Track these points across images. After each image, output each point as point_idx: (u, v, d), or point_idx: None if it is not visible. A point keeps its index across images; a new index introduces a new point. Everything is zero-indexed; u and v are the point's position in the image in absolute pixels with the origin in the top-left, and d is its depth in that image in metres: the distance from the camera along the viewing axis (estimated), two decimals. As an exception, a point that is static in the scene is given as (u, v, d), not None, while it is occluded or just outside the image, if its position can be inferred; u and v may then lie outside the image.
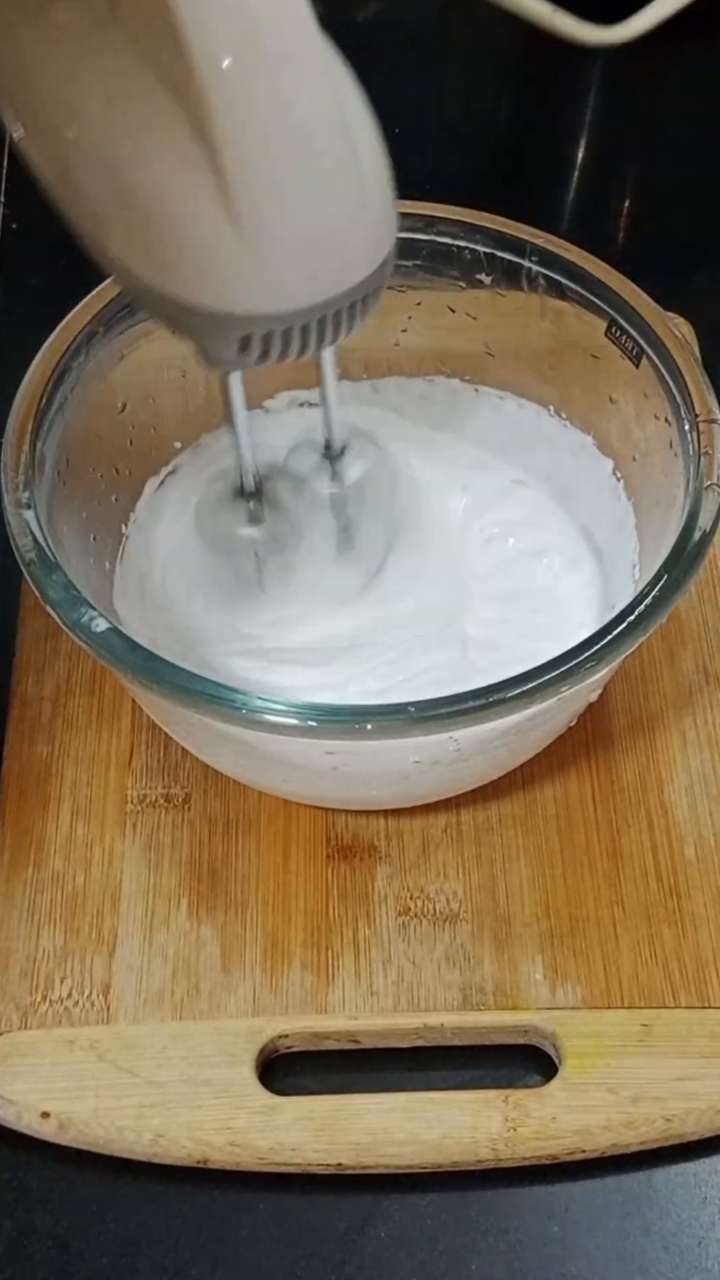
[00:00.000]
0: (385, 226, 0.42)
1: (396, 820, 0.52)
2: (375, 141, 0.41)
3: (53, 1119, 0.46)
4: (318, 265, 0.40)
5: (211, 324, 0.41)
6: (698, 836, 0.52)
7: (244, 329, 0.40)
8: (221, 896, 0.51)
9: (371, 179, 0.41)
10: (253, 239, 0.39)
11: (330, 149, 0.39)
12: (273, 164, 0.38)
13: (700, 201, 0.75)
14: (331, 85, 0.39)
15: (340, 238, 0.40)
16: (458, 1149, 0.46)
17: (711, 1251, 0.45)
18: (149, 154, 0.39)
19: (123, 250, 0.41)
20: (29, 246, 0.71)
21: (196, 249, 0.39)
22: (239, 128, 0.38)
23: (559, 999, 0.48)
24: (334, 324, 0.41)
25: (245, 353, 0.41)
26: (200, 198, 0.38)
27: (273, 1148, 0.46)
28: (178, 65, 0.37)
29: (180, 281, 0.40)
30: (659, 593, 0.45)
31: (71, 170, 0.41)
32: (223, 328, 0.40)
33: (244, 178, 0.38)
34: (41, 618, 0.55)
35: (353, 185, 0.40)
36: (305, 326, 0.41)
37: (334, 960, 0.49)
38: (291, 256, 0.40)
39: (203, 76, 0.37)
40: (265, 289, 0.40)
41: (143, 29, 0.38)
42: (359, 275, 0.41)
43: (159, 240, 0.40)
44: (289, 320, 0.40)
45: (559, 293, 0.53)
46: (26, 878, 0.51)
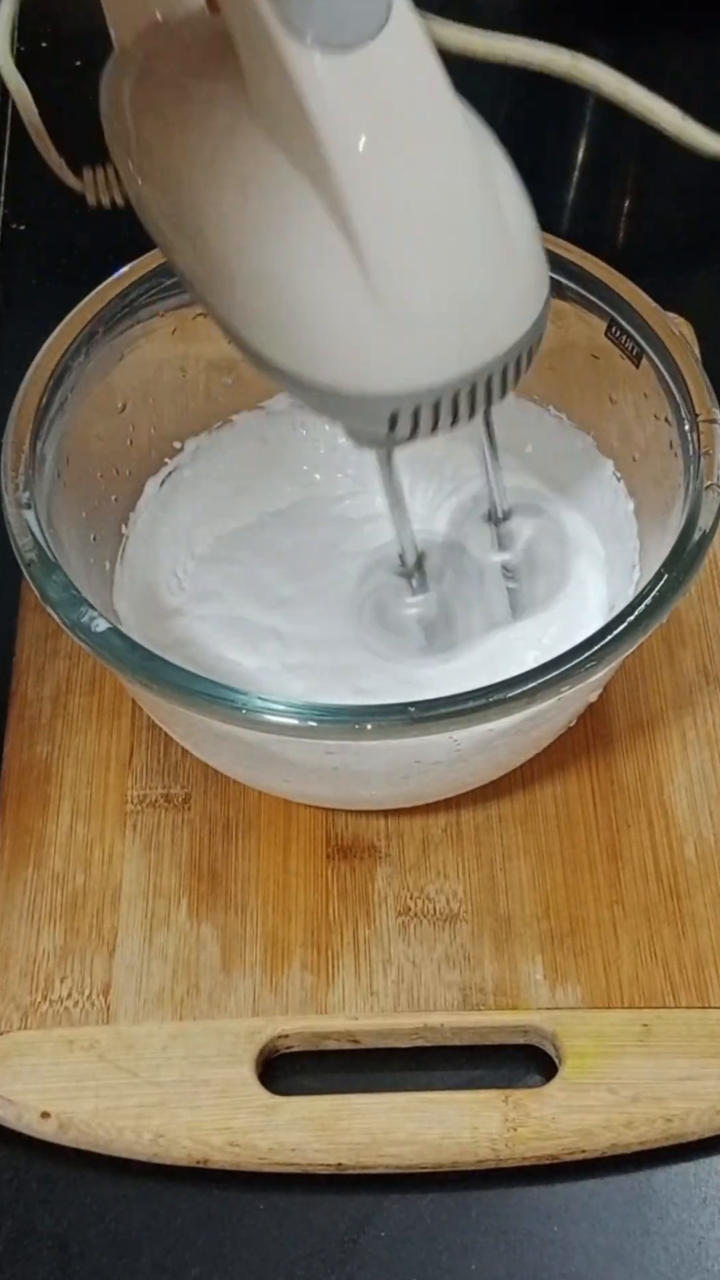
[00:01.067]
0: (535, 288, 0.41)
1: (396, 820, 0.52)
2: (521, 202, 0.40)
3: (53, 1119, 0.46)
4: (463, 336, 0.39)
5: (360, 405, 0.40)
6: (698, 836, 0.52)
7: (392, 407, 0.40)
8: (221, 896, 0.51)
9: (518, 241, 0.40)
10: (396, 317, 0.38)
11: (471, 220, 0.38)
12: (414, 240, 0.38)
13: (700, 201, 0.75)
14: (469, 154, 0.38)
15: (485, 307, 0.39)
16: (458, 1149, 0.46)
17: (711, 1251, 0.45)
18: (286, 242, 0.38)
19: (263, 339, 0.40)
20: (29, 246, 0.71)
21: (340, 332, 0.39)
22: (377, 206, 0.37)
23: (559, 999, 0.48)
24: (486, 390, 0.40)
25: (395, 430, 0.40)
26: (338, 280, 0.38)
27: (273, 1148, 0.46)
28: (312, 150, 0.37)
29: (325, 366, 0.39)
30: (659, 593, 0.45)
31: (218, 274, 0.40)
32: (370, 407, 0.40)
33: (383, 257, 0.37)
34: (41, 618, 0.55)
35: (497, 253, 0.39)
36: (455, 396, 0.40)
37: (334, 960, 0.49)
38: (435, 331, 0.39)
39: (338, 159, 0.36)
40: (409, 365, 0.39)
41: (273, 119, 0.38)
42: (508, 341, 0.40)
43: (298, 326, 0.39)
44: (437, 393, 0.40)
45: (559, 293, 0.53)
46: (26, 878, 0.51)
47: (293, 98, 0.36)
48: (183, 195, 0.41)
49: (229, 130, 0.39)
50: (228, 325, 0.41)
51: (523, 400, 0.57)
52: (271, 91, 0.37)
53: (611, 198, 0.76)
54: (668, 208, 0.75)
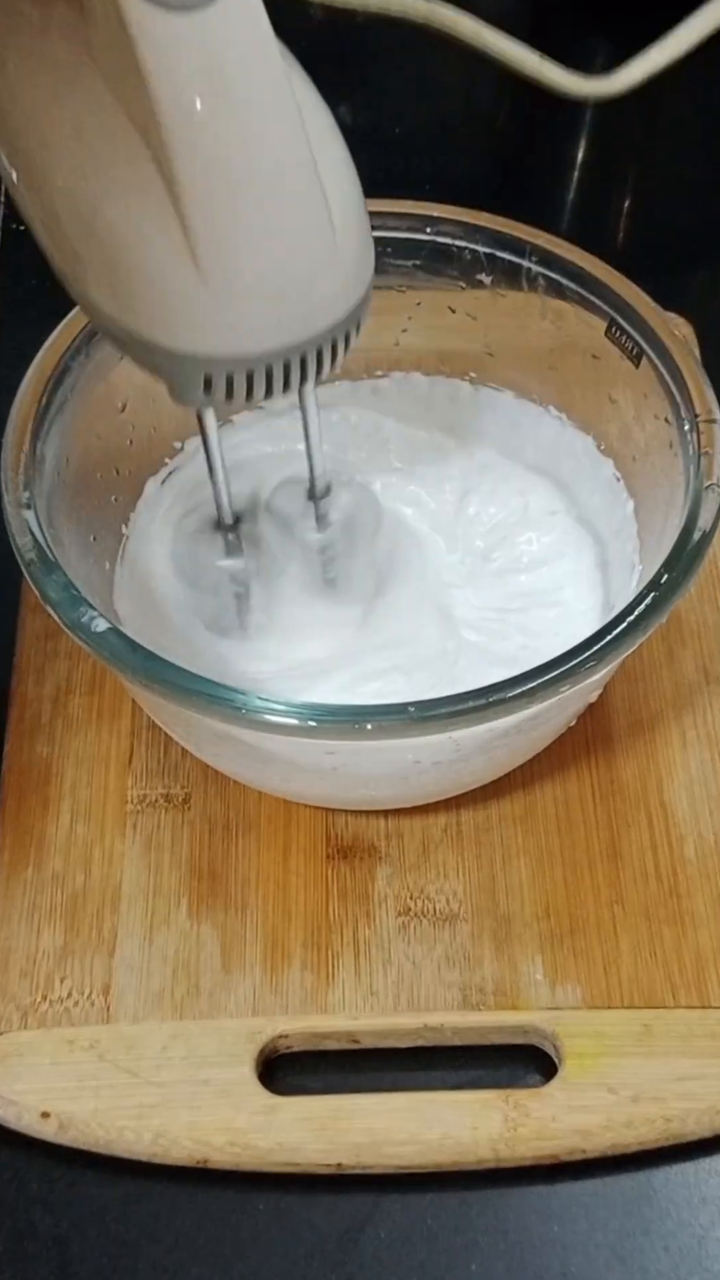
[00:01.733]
0: (357, 272, 0.41)
1: (396, 820, 0.52)
2: (349, 182, 0.41)
3: (53, 1119, 0.46)
4: (281, 310, 0.40)
5: (174, 363, 0.40)
6: (698, 836, 0.52)
7: (205, 369, 0.40)
8: (221, 896, 0.51)
9: (342, 225, 0.40)
10: (214, 281, 0.39)
11: (297, 195, 0.39)
12: (236, 208, 0.38)
13: (700, 201, 0.75)
14: (300, 128, 0.38)
15: (306, 283, 0.40)
16: (458, 1149, 0.46)
17: (711, 1251, 0.45)
18: (114, 190, 0.39)
19: (90, 285, 0.41)
20: (29, 247, 0.70)
21: (159, 287, 0.39)
22: (202, 170, 0.37)
23: (559, 999, 0.48)
24: (302, 367, 0.41)
25: (209, 393, 0.41)
26: (163, 237, 0.38)
27: (273, 1148, 0.46)
28: (144, 105, 0.37)
29: (143, 319, 0.40)
30: (659, 593, 0.45)
31: (45, 203, 0.41)
32: (185, 367, 0.40)
33: (206, 220, 0.38)
34: (41, 618, 0.55)
35: (320, 232, 0.39)
36: (270, 369, 0.40)
37: (334, 960, 0.49)
38: (253, 300, 0.39)
39: (167, 118, 0.37)
40: (226, 331, 0.40)
41: (114, 66, 0.38)
42: (326, 321, 0.41)
43: (123, 276, 0.40)
44: (252, 363, 0.40)
45: (559, 293, 0.53)
46: (26, 878, 0.51)
47: (131, 53, 0.36)
48: (19, 128, 0.41)
49: (67, 68, 0.40)
50: (56, 266, 0.42)
51: (523, 400, 0.57)
52: (111, 43, 0.37)
53: (612, 198, 0.76)
54: (668, 207, 0.75)
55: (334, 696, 0.51)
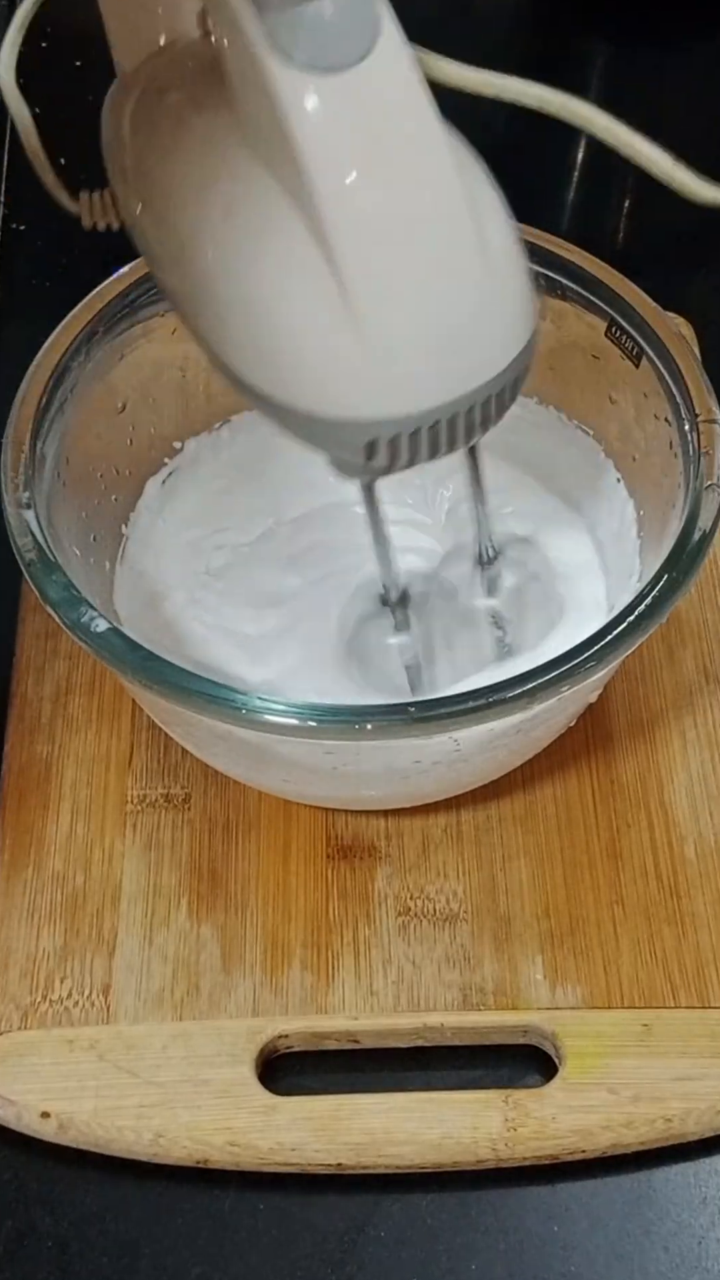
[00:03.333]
0: (520, 320, 0.40)
1: (396, 820, 0.52)
2: (507, 234, 0.40)
3: (53, 1119, 0.46)
4: (443, 365, 0.39)
5: (338, 432, 0.39)
6: (698, 836, 0.52)
7: (369, 435, 0.39)
8: (221, 896, 0.51)
9: (502, 274, 0.39)
10: (374, 343, 0.38)
11: (453, 250, 0.38)
12: (393, 267, 0.37)
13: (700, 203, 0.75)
14: (453, 183, 0.38)
15: (466, 338, 0.39)
16: (458, 1149, 0.46)
17: (711, 1252, 0.45)
18: (268, 264, 0.38)
19: (242, 362, 0.40)
20: (29, 247, 0.71)
21: (318, 356, 0.38)
22: (357, 232, 0.37)
23: (559, 999, 0.48)
24: (467, 423, 0.40)
25: (373, 459, 0.40)
26: (320, 304, 0.38)
27: (273, 1148, 0.46)
28: (294, 171, 0.36)
29: (303, 391, 0.39)
30: (659, 593, 0.45)
31: (200, 293, 0.40)
32: (349, 435, 0.39)
33: (363, 282, 0.37)
34: (41, 618, 0.55)
35: (479, 283, 0.39)
36: (435, 427, 0.39)
37: (334, 960, 0.49)
38: (415, 358, 0.38)
39: (319, 183, 0.36)
40: (387, 393, 0.39)
41: (260, 140, 0.38)
42: (490, 373, 0.39)
43: (280, 349, 0.39)
44: (416, 422, 0.39)
45: (559, 293, 0.53)
46: (26, 878, 0.51)
47: (277, 119, 0.36)
48: (173, 216, 0.41)
49: (215, 150, 0.39)
50: (210, 346, 0.41)
51: (523, 400, 0.56)
52: (258, 112, 0.37)
53: (611, 198, 0.76)
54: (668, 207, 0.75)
55: None
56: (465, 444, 0.41)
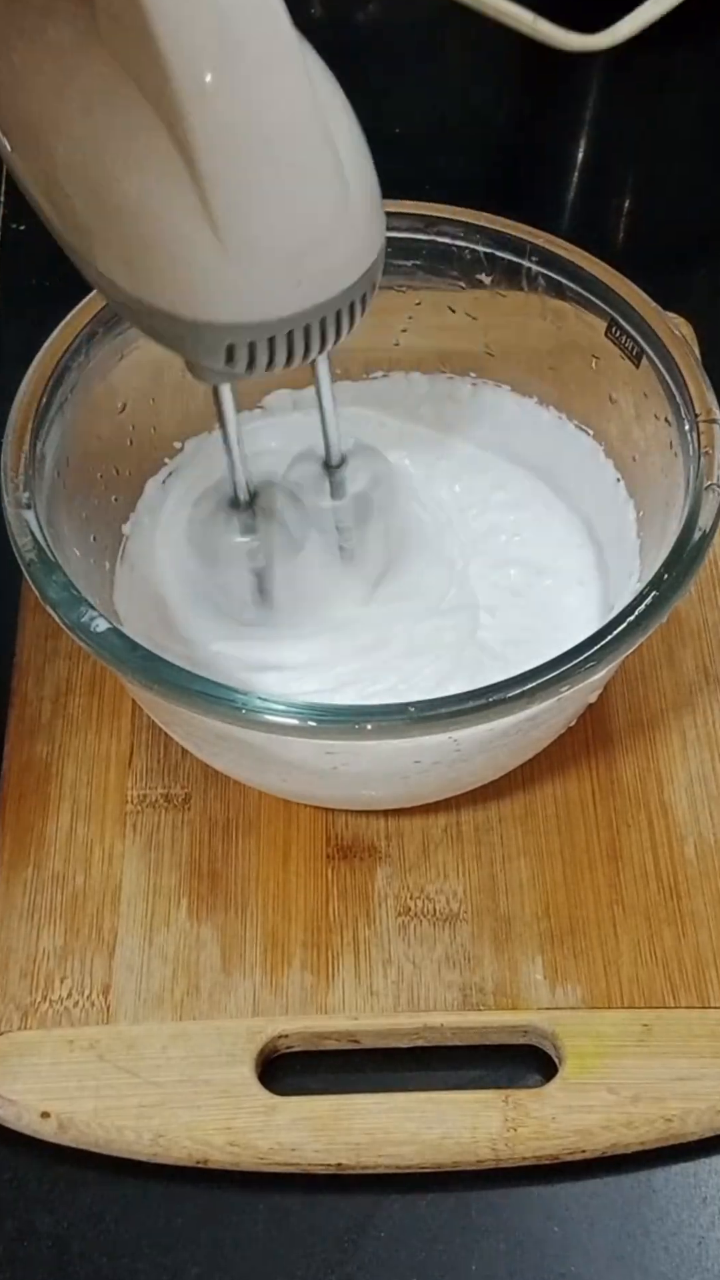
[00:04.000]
0: (372, 231, 0.41)
1: (396, 820, 0.52)
2: (359, 147, 0.41)
3: (53, 1119, 0.46)
4: (301, 273, 0.40)
5: (195, 334, 0.40)
6: (698, 836, 0.52)
7: (228, 338, 0.40)
8: (221, 896, 0.51)
9: (355, 184, 0.40)
10: (233, 248, 0.39)
11: (310, 158, 0.39)
12: (251, 174, 0.38)
13: (700, 201, 0.75)
14: (311, 92, 0.39)
15: (323, 245, 0.40)
16: (458, 1149, 0.46)
17: (711, 1251, 0.45)
18: (129, 164, 0.39)
19: (106, 262, 0.41)
20: (29, 246, 0.71)
21: (177, 258, 0.39)
22: (217, 136, 0.38)
23: (559, 999, 0.48)
24: (322, 331, 0.41)
25: (232, 363, 0.41)
26: (180, 207, 0.38)
27: (273, 1148, 0.46)
28: (155, 76, 0.37)
29: (162, 292, 0.40)
30: (659, 593, 0.45)
31: (56, 184, 0.41)
32: (207, 338, 0.40)
33: (223, 187, 0.38)
34: (41, 618, 0.55)
35: (335, 192, 0.40)
36: (291, 334, 0.40)
37: (334, 960, 0.49)
38: (273, 264, 0.39)
39: (180, 89, 0.37)
40: (247, 298, 0.40)
41: (122, 41, 0.38)
42: (345, 282, 0.41)
43: (141, 250, 0.40)
44: (274, 329, 0.40)
45: (559, 293, 0.53)
46: (26, 878, 0.51)
47: (142, 22, 0.36)
48: (28, 116, 0.41)
49: (75, 49, 0.40)
50: (71, 245, 0.42)
51: (523, 400, 0.57)
52: (121, 14, 0.37)
53: (611, 198, 0.76)
54: (668, 207, 0.75)
55: (353, 661, 0.51)
56: (319, 352, 0.42)
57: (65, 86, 0.40)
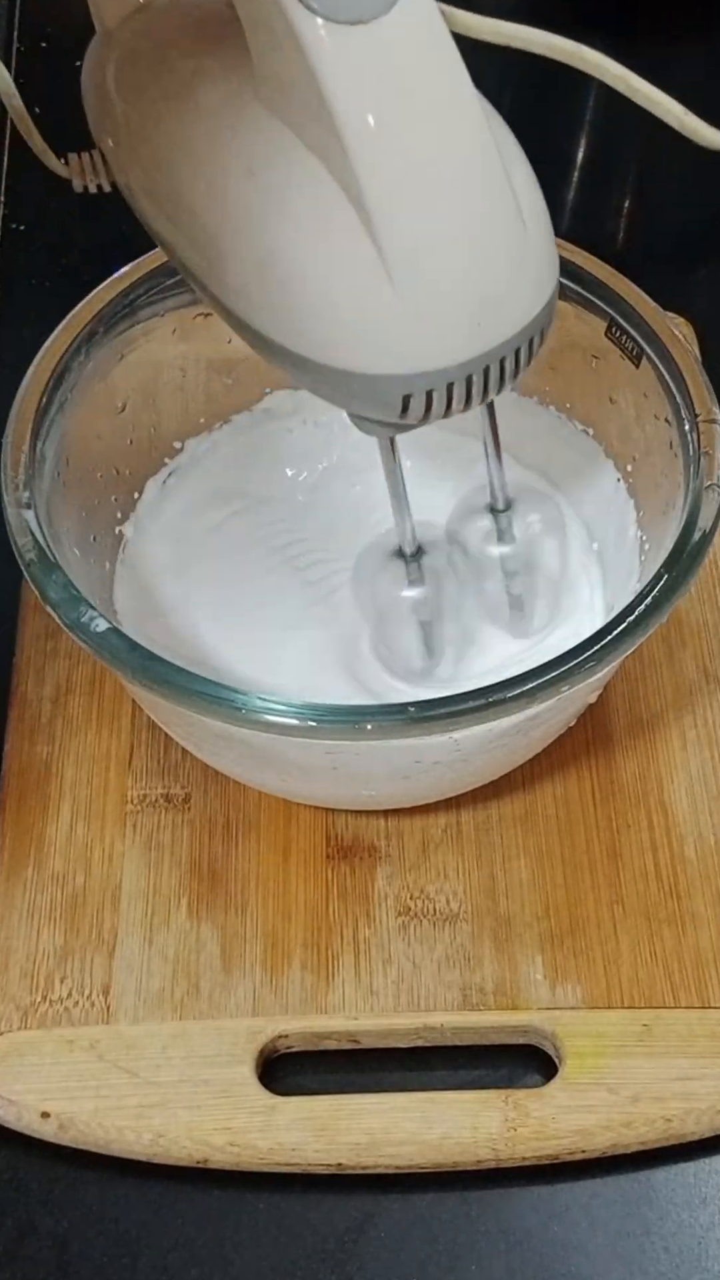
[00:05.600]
0: (547, 268, 0.40)
1: (396, 820, 0.52)
2: (532, 183, 0.40)
3: (53, 1119, 0.46)
4: (477, 317, 0.39)
5: (373, 388, 0.39)
6: (698, 836, 0.52)
7: (404, 390, 0.39)
8: (221, 896, 0.51)
9: (531, 222, 0.39)
10: (410, 298, 0.38)
11: (487, 200, 0.38)
12: (428, 220, 0.37)
13: (700, 201, 0.75)
14: (483, 134, 0.38)
15: (502, 289, 0.39)
16: (458, 1149, 0.46)
17: (711, 1252, 0.45)
18: (294, 222, 0.38)
19: (270, 324, 0.40)
20: (29, 247, 0.71)
21: (352, 313, 0.38)
22: (391, 185, 0.37)
23: (559, 999, 0.48)
24: (501, 373, 0.40)
25: (406, 414, 0.40)
26: (351, 261, 0.37)
27: (273, 1148, 0.46)
28: (323, 126, 0.36)
29: (335, 348, 0.39)
30: (659, 593, 0.45)
31: (216, 250, 0.40)
32: (386, 390, 0.39)
33: (398, 236, 0.37)
34: (41, 618, 0.55)
35: (512, 233, 0.39)
36: (469, 379, 0.39)
37: (334, 960, 0.49)
38: (451, 313, 0.38)
39: (350, 135, 0.36)
40: (424, 347, 0.39)
41: (281, 97, 0.37)
42: (520, 323, 0.40)
43: (308, 309, 0.39)
44: (451, 375, 0.39)
45: (559, 293, 0.53)
46: (26, 878, 0.51)
47: (304, 71, 0.36)
48: (178, 179, 0.40)
49: (229, 109, 0.39)
50: (230, 311, 0.41)
51: (523, 400, 0.57)
52: (280, 67, 0.37)
53: (611, 198, 0.76)
54: (668, 207, 0.75)
55: None
56: (495, 394, 0.41)
57: (223, 151, 0.39)
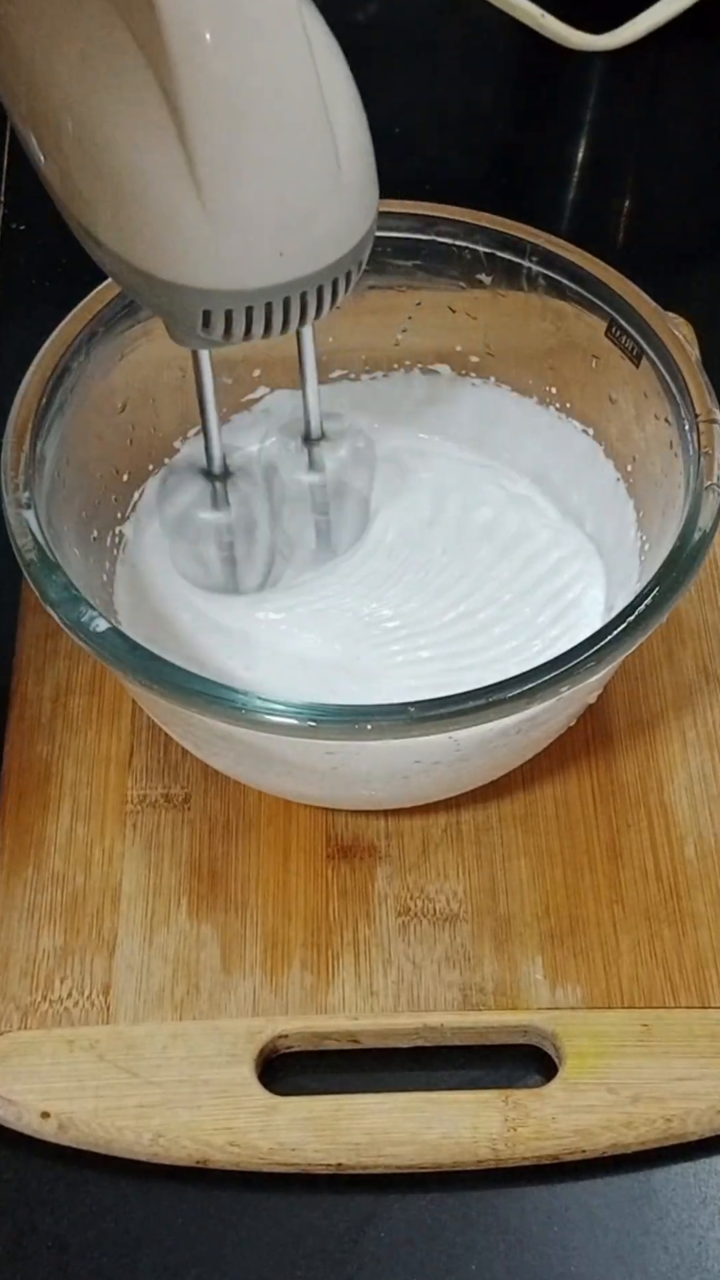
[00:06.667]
0: (362, 207, 0.41)
1: (396, 820, 0.52)
2: (357, 121, 0.40)
3: (53, 1119, 0.46)
4: (284, 244, 0.39)
5: (173, 296, 0.40)
6: (698, 836, 0.52)
7: (204, 304, 0.40)
8: (221, 896, 0.51)
9: (348, 158, 0.40)
10: (216, 212, 0.38)
11: (303, 126, 0.38)
12: (241, 137, 0.38)
13: (700, 201, 0.75)
14: (309, 59, 0.38)
15: (309, 217, 0.39)
16: (458, 1149, 0.46)
17: (711, 1252, 0.45)
18: (118, 117, 0.38)
19: (92, 217, 0.40)
20: (29, 246, 0.71)
21: (161, 218, 0.39)
22: (208, 97, 0.37)
23: (559, 999, 0.48)
24: (303, 305, 0.40)
25: (208, 329, 0.40)
26: (167, 166, 0.38)
27: (273, 1148, 0.46)
28: (152, 29, 0.36)
29: (144, 251, 0.39)
30: (659, 593, 0.45)
31: (49, 135, 0.40)
32: (184, 301, 0.40)
33: (211, 149, 0.37)
34: (41, 618, 0.55)
35: (326, 164, 0.39)
36: (270, 305, 0.40)
37: (334, 960, 0.49)
38: (256, 233, 0.39)
39: (175, 42, 0.36)
40: (226, 264, 0.39)
41: None
42: (329, 257, 0.40)
43: (126, 207, 0.39)
44: (252, 299, 0.40)
45: (559, 293, 0.53)
46: (26, 878, 0.51)
47: None
48: (28, 60, 0.41)
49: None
50: (58, 193, 0.41)
51: (523, 400, 0.57)
52: None
53: (611, 198, 0.76)
54: (668, 207, 0.75)
55: None
56: (299, 326, 0.41)
57: (62, 32, 0.39)
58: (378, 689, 0.52)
